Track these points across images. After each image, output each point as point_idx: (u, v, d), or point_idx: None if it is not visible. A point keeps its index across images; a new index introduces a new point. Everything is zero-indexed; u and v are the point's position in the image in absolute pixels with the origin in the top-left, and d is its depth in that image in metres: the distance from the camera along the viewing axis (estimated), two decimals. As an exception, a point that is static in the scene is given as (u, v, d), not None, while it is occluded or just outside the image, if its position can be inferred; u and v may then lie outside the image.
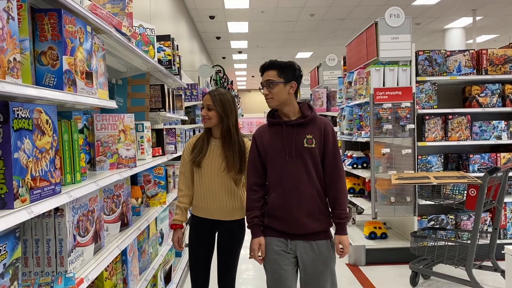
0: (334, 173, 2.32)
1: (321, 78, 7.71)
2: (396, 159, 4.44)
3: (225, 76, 11.89)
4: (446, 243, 3.78)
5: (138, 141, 3.02)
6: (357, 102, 4.99)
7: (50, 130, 1.47)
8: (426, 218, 4.54)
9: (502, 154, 4.55)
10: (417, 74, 4.51)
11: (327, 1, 9.90)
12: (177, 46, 4.29)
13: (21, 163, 1.29)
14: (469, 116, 4.55)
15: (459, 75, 4.57)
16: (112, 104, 2.13)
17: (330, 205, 2.35)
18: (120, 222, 2.44)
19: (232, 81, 14.54)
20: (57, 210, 1.67)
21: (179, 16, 9.20)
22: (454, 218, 4.59)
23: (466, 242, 3.73)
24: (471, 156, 4.56)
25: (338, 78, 6.15)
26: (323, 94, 7.65)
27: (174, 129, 3.77)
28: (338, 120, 6.01)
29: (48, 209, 1.41)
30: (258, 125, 26.74)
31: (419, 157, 4.51)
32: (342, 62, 6.69)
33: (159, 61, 3.69)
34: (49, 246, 1.68)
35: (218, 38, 13.76)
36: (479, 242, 3.67)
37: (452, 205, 3.87)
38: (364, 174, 4.85)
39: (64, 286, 1.50)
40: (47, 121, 1.45)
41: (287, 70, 2.30)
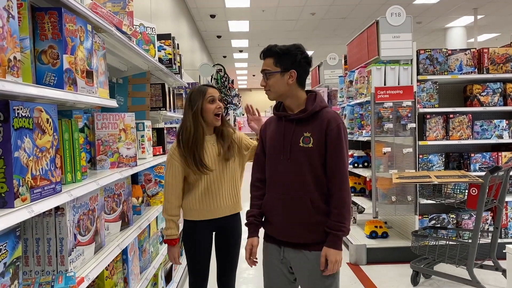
0: (333, 181, 1.99)
1: (322, 77, 7.70)
2: (397, 158, 4.43)
3: (226, 75, 11.89)
4: (447, 242, 3.77)
5: (139, 140, 3.01)
6: (358, 101, 4.98)
7: (51, 129, 1.47)
8: (427, 217, 4.53)
9: (503, 153, 4.54)
10: (418, 73, 4.50)
11: (328, 0, 9.89)
12: (177, 45, 4.29)
13: (21, 162, 1.29)
14: (470, 115, 4.54)
15: (460, 74, 4.56)
16: (112, 103, 2.13)
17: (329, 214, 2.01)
18: (120, 221, 2.43)
19: (233, 80, 14.54)
20: (57, 209, 1.67)
21: (180, 15, 9.19)
22: (455, 217, 4.58)
23: (467, 241, 3.72)
24: (472, 155, 4.55)
25: (339, 77, 6.14)
26: (324, 93, 7.64)
27: (175, 128, 3.76)
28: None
29: (48, 208, 1.41)
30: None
31: (420, 156, 4.50)
32: (343, 61, 6.67)
33: (160, 60, 3.69)
34: (49, 245, 1.67)
35: (219, 37, 13.76)
36: (480, 241, 3.66)
37: (453, 204, 3.86)
38: (365, 173, 4.85)
39: (64, 285, 1.50)
40: (48, 120, 1.45)
41: (285, 57, 2.00)
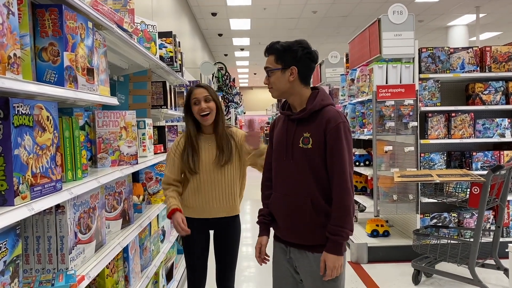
0: (333, 182, 1.93)
1: (323, 75, 7.68)
2: (398, 157, 4.42)
3: (227, 73, 11.87)
4: (449, 241, 3.76)
5: (140, 138, 3.01)
6: (359, 100, 4.96)
7: (51, 127, 1.46)
8: (429, 216, 4.53)
9: (506, 152, 4.52)
10: (420, 71, 4.48)
11: (330, -2, 9.88)
12: (179, 43, 4.28)
13: (21, 160, 1.28)
14: (472, 113, 4.53)
15: (463, 73, 4.54)
16: (113, 100, 2.12)
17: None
18: (121, 219, 2.43)
19: (234, 78, 14.52)
20: (58, 207, 1.66)
21: (181, 13, 9.17)
22: (456, 216, 4.57)
23: (469, 240, 3.71)
24: (474, 154, 4.53)
25: (341, 75, 6.13)
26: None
27: (176, 126, 3.75)
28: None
29: (48, 206, 1.40)
30: (260, 122, 26.81)
31: (422, 154, 4.49)
32: (345, 60, 6.66)
33: (161, 58, 3.68)
34: (50, 243, 1.67)
35: (220, 35, 13.74)
36: (482, 240, 3.65)
37: (455, 203, 3.85)
38: (366, 171, 4.84)
39: (65, 283, 1.49)
40: (48, 117, 1.44)
41: (286, 54, 1.97)
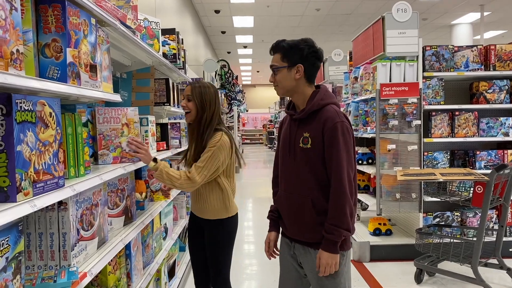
0: (332, 183, 1.93)
1: (326, 73, 7.66)
2: (402, 155, 4.41)
3: (230, 71, 11.87)
4: (452, 240, 3.75)
5: (143, 135, 3.00)
6: (363, 98, 4.95)
7: (54, 123, 1.45)
8: (432, 215, 4.51)
9: (510, 151, 4.50)
10: (424, 70, 4.46)
11: (333, -5, 9.85)
12: (182, 40, 4.27)
13: (24, 156, 1.27)
14: (476, 112, 4.51)
15: (467, 71, 4.52)
16: (116, 97, 2.12)
17: None
18: (124, 216, 2.43)
19: (237, 76, 14.52)
20: (60, 203, 1.66)
21: (184, 10, 9.16)
22: (460, 215, 4.55)
23: (472, 239, 3.70)
24: (478, 152, 4.52)
25: (344, 73, 6.11)
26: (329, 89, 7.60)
27: (179, 123, 3.75)
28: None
29: (51, 202, 1.40)
30: (263, 120, 26.83)
31: (425, 153, 4.47)
32: (348, 57, 6.63)
33: (164, 55, 3.68)
34: (52, 240, 1.67)
35: (223, 32, 13.73)
36: (485, 240, 3.64)
37: (458, 202, 3.83)
38: (369, 170, 4.82)
39: (67, 280, 1.49)
40: (51, 114, 1.43)
41: (292, 52, 1.98)
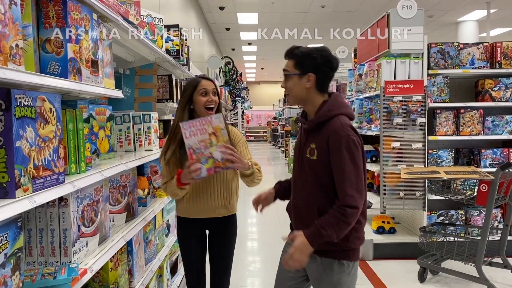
0: (338, 195, 1.88)
1: (331, 70, 7.62)
2: (406, 153, 4.38)
3: (234, 68, 11.86)
4: (456, 239, 3.72)
5: (145, 131, 3.00)
6: (367, 95, 4.92)
7: (54, 119, 1.45)
8: (436, 214, 4.49)
9: (515, 150, 4.46)
10: (429, 67, 4.43)
11: (338, -8, 9.80)
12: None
13: (23, 152, 1.27)
14: (481, 110, 4.47)
15: (472, 69, 4.48)
16: (118, 93, 2.11)
17: None
18: (126, 212, 2.42)
19: (241, 73, 14.50)
20: (61, 200, 1.65)
21: (189, 6, 9.15)
22: (464, 213, 4.52)
23: (476, 238, 3.67)
24: (483, 151, 4.48)
25: (348, 70, 6.07)
26: (333, 87, 7.57)
27: (182, 120, 3.74)
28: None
29: (51, 199, 1.39)
30: (267, 117, 26.78)
31: (430, 151, 4.44)
32: (353, 55, 6.59)
33: (167, 51, 3.66)
34: (53, 236, 1.67)
35: (228, 29, 13.70)
36: (490, 239, 3.61)
37: (462, 200, 3.81)
38: (373, 168, 4.80)
39: (67, 276, 1.48)
40: (51, 109, 1.43)
41: (305, 60, 1.93)
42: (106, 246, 1.95)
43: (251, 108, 22.01)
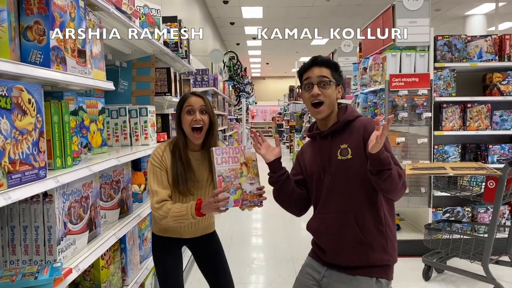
0: None
1: (335, 64, 7.51)
2: (411, 149, 4.28)
3: (238, 62, 11.75)
4: (462, 237, 3.63)
5: (142, 125, 2.93)
6: (372, 89, 4.82)
7: (33, 110, 1.37)
8: (441, 210, 4.39)
9: (524, 145, 4.35)
10: (435, 60, 4.31)
11: (344, -15, 9.65)
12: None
13: (-3, 145, 1.19)
14: (489, 104, 4.35)
15: (480, 62, 4.36)
16: (109, 85, 2.03)
17: None
18: (119, 209, 2.35)
19: (246, 68, 14.39)
20: (46, 195, 1.58)
21: (192, 1, 9.05)
22: (470, 210, 4.43)
23: (483, 236, 3.58)
24: (491, 146, 4.37)
25: (353, 64, 5.96)
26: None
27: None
28: (352, 107, 5.85)
29: (29, 195, 1.31)
30: (272, 113, 26.73)
31: (436, 146, 4.34)
32: (358, 49, 6.49)
33: (165, 43, 3.57)
34: (37, 234, 1.59)
35: (232, 23, 13.59)
36: (497, 236, 3.52)
37: (469, 197, 3.71)
38: (377, 163, 4.70)
39: (49, 276, 1.41)
40: (30, 100, 1.35)
41: (338, 71, 1.97)
42: (95, 244, 1.88)
43: (256, 103, 21.91)
